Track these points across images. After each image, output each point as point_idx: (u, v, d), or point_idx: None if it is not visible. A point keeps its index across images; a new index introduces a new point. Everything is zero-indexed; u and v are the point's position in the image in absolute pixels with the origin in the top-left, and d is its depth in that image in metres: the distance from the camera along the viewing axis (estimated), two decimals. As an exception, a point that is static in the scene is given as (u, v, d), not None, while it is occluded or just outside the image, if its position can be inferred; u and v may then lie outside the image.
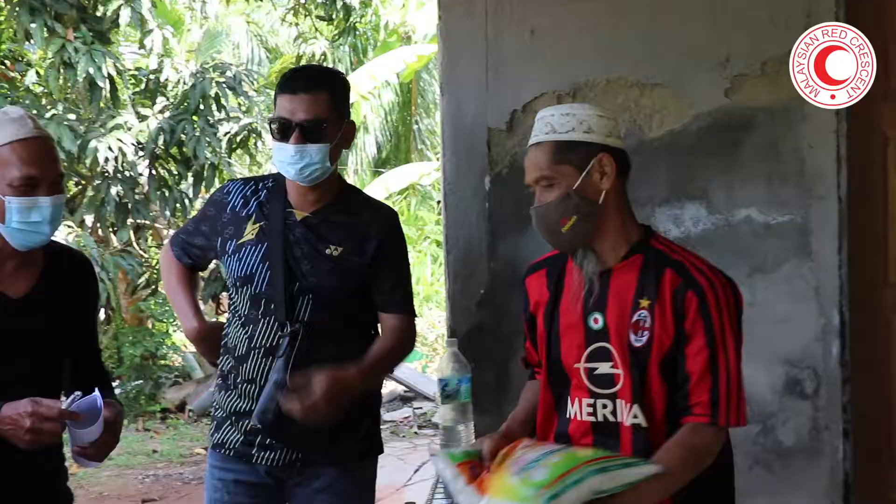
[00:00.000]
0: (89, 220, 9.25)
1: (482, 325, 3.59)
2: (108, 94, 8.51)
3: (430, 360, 11.09)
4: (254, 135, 9.20)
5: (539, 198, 2.35)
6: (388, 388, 2.89)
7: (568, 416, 2.42)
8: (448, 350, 3.26)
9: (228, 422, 2.94)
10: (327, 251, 2.86)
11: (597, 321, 2.36)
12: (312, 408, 2.66)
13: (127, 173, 8.70)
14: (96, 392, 2.44)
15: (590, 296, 2.37)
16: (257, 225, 2.90)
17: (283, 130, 2.80)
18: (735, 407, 2.28)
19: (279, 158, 2.83)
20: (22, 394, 2.38)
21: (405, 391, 10.03)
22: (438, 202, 12.93)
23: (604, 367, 2.35)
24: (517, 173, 3.58)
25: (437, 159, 13.25)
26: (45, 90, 9.14)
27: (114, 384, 10.24)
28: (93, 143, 8.24)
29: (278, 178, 2.96)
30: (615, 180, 2.34)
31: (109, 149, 8.32)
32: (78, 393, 2.40)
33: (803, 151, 3.45)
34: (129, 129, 8.69)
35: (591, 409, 2.38)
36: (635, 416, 2.31)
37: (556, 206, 2.32)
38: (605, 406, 2.36)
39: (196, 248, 3.06)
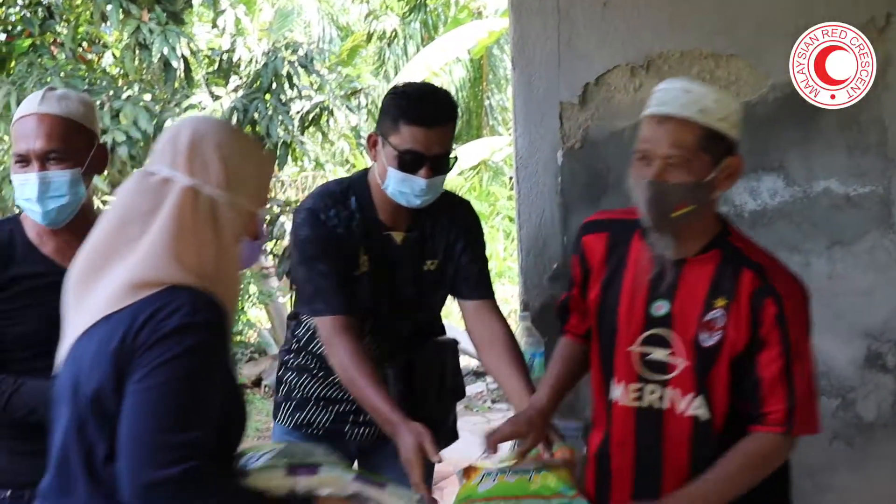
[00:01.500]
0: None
1: (555, 300, 3.58)
2: (182, 75, 8.63)
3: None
4: (326, 112, 9.26)
5: (659, 173, 2.16)
6: (462, 362, 2.87)
7: (611, 398, 2.37)
8: (521, 324, 3.26)
9: (312, 403, 2.95)
10: (425, 268, 2.85)
11: (660, 308, 2.29)
12: None
13: (201, 152, 8.82)
14: None
15: (658, 281, 2.29)
16: (366, 256, 2.79)
17: (414, 163, 2.66)
18: (810, 416, 2.24)
19: (400, 189, 2.69)
20: None
21: (478, 366, 10.06)
22: (510, 178, 12.88)
23: (659, 354, 2.29)
24: (590, 147, 3.57)
25: (509, 134, 13.21)
26: (122, 71, 9.29)
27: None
28: (168, 123, 8.35)
29: (358, 192, 2.81)
30: None
31: (184, 128, 8.44)
32: None
33: (885, 120, 3.37)
34: (203, 108, 8.80)
35: (637, 395, 2.32)
36: (698, 407, 2.27)
37: (681, 190, 2.16)
38: (653, 392, 2.31)
39: (348, 291, 2.75)
